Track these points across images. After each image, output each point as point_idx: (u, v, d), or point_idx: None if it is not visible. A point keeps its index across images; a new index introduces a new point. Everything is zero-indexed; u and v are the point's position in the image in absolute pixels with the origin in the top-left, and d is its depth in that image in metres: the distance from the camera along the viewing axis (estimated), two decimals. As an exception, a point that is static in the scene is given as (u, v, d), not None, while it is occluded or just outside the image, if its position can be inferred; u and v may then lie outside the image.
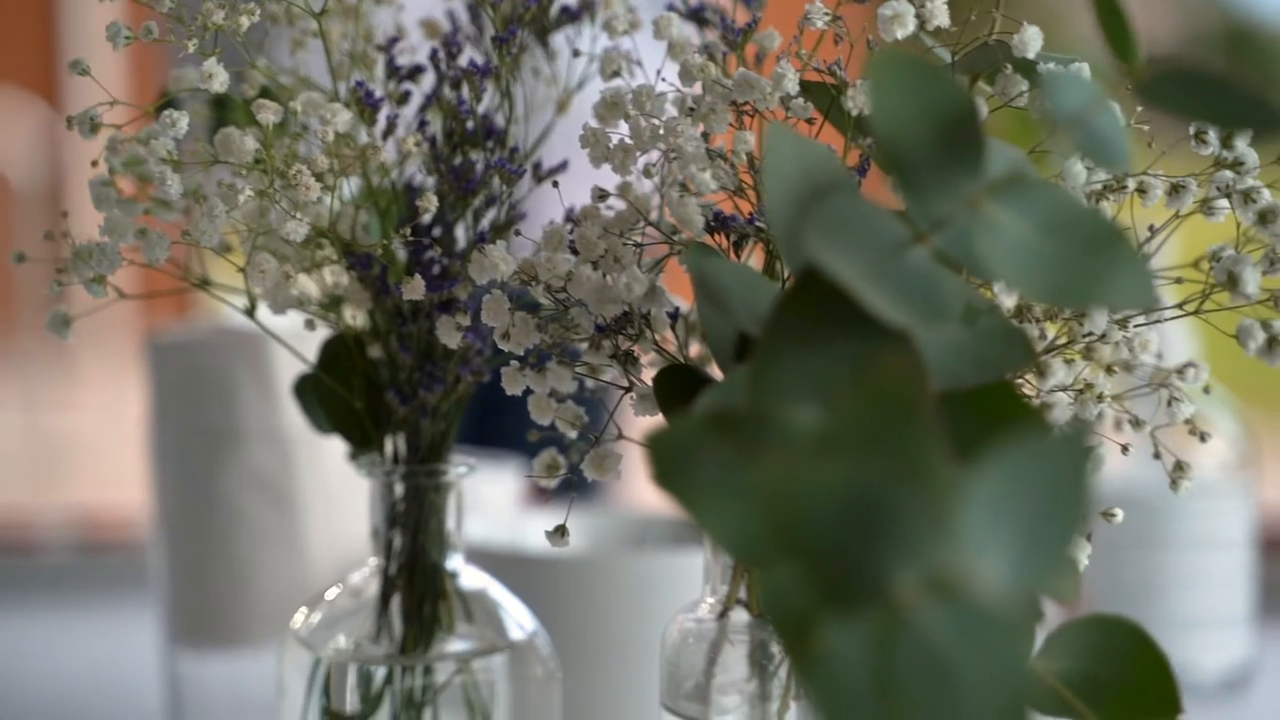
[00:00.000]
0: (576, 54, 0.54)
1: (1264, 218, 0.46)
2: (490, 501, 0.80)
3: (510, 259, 0.48)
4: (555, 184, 0.53)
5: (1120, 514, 0.52)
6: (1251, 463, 0.88)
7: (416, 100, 0.54)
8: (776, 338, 0.41)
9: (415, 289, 0.49)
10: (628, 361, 0.48)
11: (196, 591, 0.73)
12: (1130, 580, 0.86)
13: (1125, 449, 0.52)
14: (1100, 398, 0.48)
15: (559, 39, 0.56)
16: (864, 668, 0.34)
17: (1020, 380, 0.47)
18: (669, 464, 0.38)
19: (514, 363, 0.48)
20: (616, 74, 0.53)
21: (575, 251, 0.49)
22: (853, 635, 0.34)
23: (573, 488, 0.50)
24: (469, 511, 0.68)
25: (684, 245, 0.48)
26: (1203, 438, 0.53)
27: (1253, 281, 0.46)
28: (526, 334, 0.48)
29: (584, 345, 0.48)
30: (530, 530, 0.72)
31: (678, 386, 0.48)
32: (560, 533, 0.48)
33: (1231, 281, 0.46)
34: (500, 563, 0.63)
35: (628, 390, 0.48)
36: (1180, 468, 0.52)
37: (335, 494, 0.74)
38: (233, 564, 0.72)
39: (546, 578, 0.63)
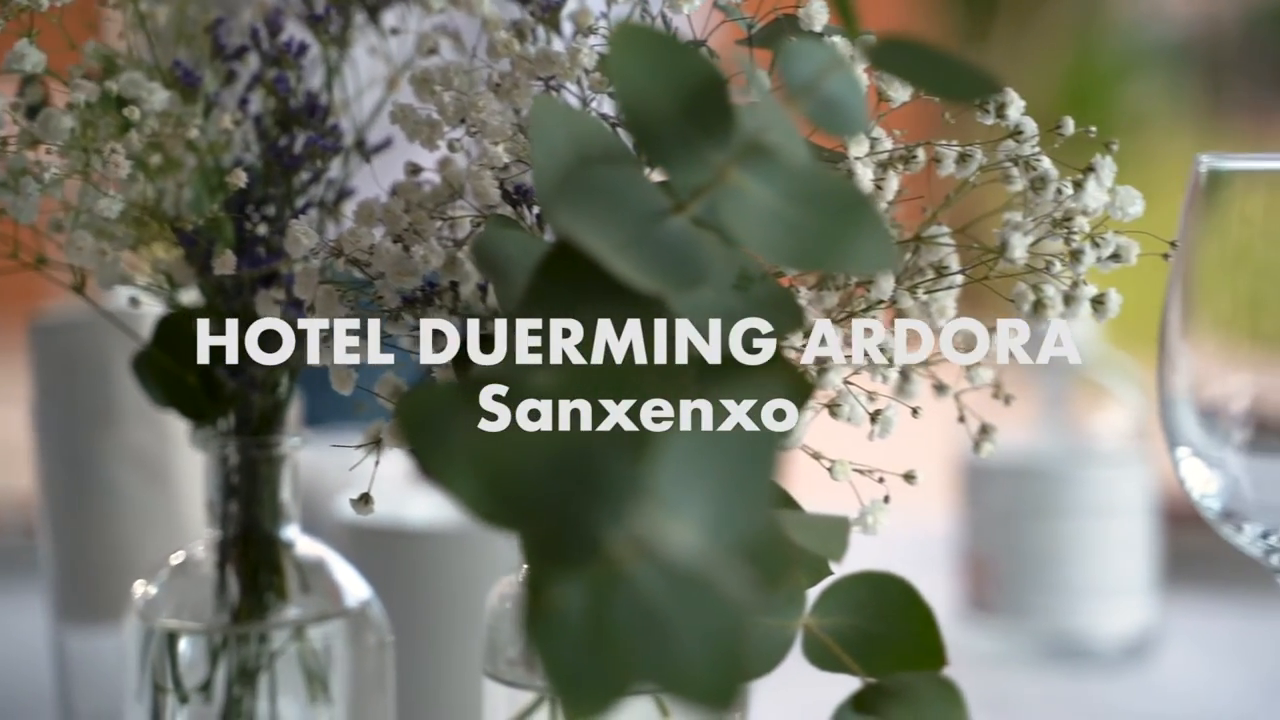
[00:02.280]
0: (395, 32, 0.57)
1: (1036, 185, 0.49)
2: (382, 477, 0.83)
3: (313, 234, 0.50)
4: (367, 160, 0.56)
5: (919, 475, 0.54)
6: (1151, 431, 0.90)
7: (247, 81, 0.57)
8: (532, 305, 0.43)
9: (226, 264, 0.52)
10: (438, 337, 0.51)
11: (80, 568, 0.76)
12: (1030, 548, 0.88)
13: (908, 412, 0.53)
14: (892, 361, 0.50)
15: (390, 17, 0.58)
16: (582, 622, 0.37)
17: (796, 346, 0.49)
18: (416, 427, 0.41)
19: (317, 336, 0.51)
20: (433, 51, 0.56)
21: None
22: (573, 591, 0.37)
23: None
24: (353, 486, 0.71)
25: (484, 218, 0.51)
26: (1006, 401, 0.55)
27: (1020, 247, 0.48)
28: (330, 307, 0.50)
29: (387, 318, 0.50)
30: (411, 505, 0.75)
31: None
32: (364, 500, 0.51)
33: (1003, 247, 0.48)
34: (342, 534, 0.66)
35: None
36: (984, 431, 0.55)
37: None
38: (114, 540, 0.75)
39: (385, 549, 0.66)
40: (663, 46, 0.41)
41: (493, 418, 0.39)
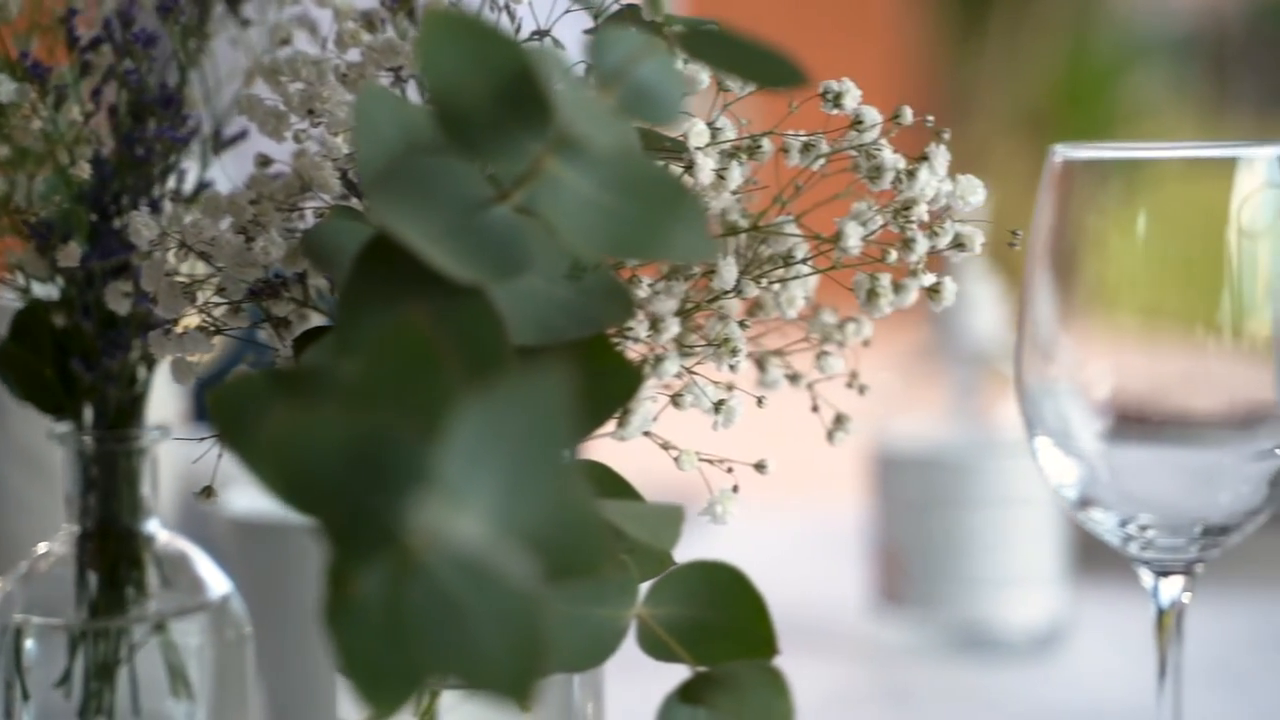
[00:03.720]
0: (246, 24, 0.57)
1: (873, 175, 0.50)
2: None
3: (154, 225, 0.51)
4: (216, 152, 0.56)
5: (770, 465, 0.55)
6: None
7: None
8: (352, 296, 0.44)
9: (70, 255, 0.52)
10: (280, 325, 0.52)
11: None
12: (940, 539, 0.89)
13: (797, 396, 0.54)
14: (734, 351, 0.51)
15: (250, 9, 0.59)
16: (379, 612, 0.38)
17: (627, 336, 0.50)
18: (225, 416, 0.41)
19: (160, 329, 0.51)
20: (286, 42, 0.56)
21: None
22: (370, 581, 0.38)
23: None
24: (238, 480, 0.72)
25: (331, 210, 0.52)
26: (861, 390, 0.56)
27: (854, 236, 0.49)
28: (173, 300, 0.51)
29: (226, 310, 0.51)
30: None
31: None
32: (206, 493, 0.52)
33: (837, 236, 0.49)
34: (227, 529, 0.66)
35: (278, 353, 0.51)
36: (839, 420, 0.55)
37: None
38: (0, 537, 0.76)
39: (244, 540, 0.67)
40: (475, 34, 0.42)
41: (298, 407, 0.39)
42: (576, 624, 0.46)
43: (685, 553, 1.21)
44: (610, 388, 0.47)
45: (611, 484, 0.49)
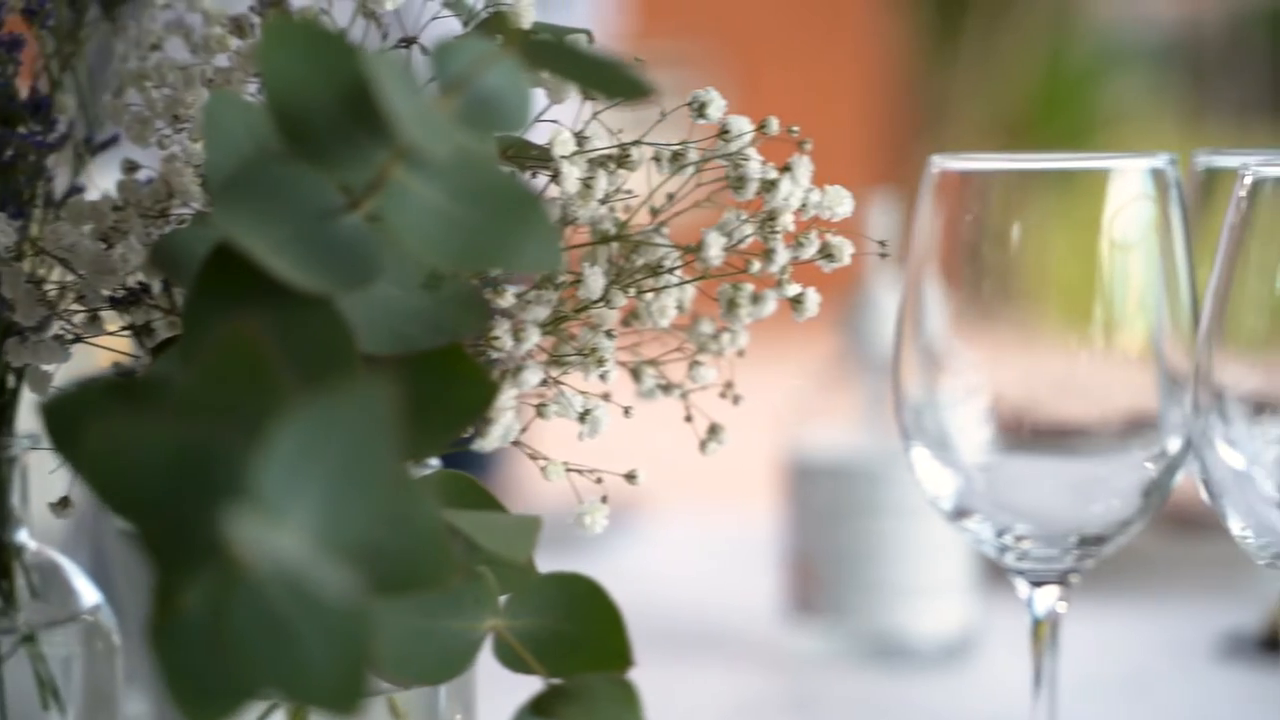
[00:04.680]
0: (118, 29, 0.57)
1: (737, 185, 0.50)
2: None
3: (10, 230, 0.51)
4: (83, 157, 0.56)
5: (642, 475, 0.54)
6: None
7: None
8: (196, 305, 0.44)
9: (-75, 262, 0.52)
10: (144, 333, 0.51)
11: None
12: (852, 548, 0.89)
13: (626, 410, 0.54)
14: (601, 362, 0.51)
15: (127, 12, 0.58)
16: (203, 626, 0.38)
17: (493, 345, 0.49)
18: (58, 425, 0.41)
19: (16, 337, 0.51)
20: (156, 47, 0.56)
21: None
22: (194, 595, 0.38)
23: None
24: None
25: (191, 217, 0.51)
26: (735, 401, 0.56)
27: (715, 246, 0.49)
28: (29, 307, 0.51)
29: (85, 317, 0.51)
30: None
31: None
32: (62, 504, 0.51)
33: (699, 246, 0.49)
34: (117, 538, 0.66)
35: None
36: (713, 431, 0.55)
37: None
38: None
39: (133, 550, 0.67)
40: (316, 41, 0.42)
41: (127, 416, 0.39)
42: (429, 636, 0.46)
43: (603, 562, 1.21)
44: (465, 397, 0.47)
45: (471, 495, 0.49)
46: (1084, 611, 0.97)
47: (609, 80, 0.42)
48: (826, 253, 0.52)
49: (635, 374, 0.56)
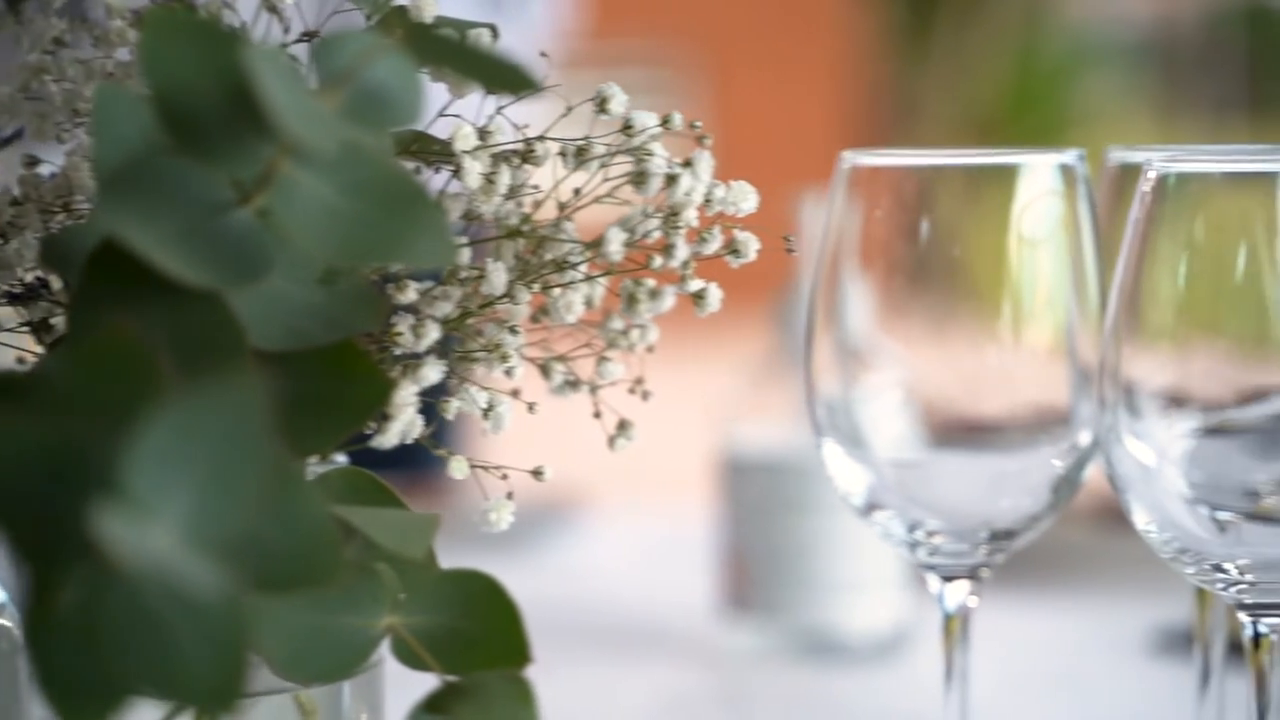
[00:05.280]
0: (21, 22, 0.56)
1: (639, 180, 0.49)
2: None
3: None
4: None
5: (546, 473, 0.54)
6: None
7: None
8: (82, 302, 0.43)
9: None
10: (42, 329, 0.51)
11: None
12: (785, 544, 0.89)
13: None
14: (505, 357, 0.51)
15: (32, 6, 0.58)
16: (77, 625, 0.37)
17: (396, 341, 0.49)
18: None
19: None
20: (60, 41, 0.55)
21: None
22: (68, 594, 0.37)
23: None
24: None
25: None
26: (645, 397, 0.56)
27: (615, 242, 0.49)
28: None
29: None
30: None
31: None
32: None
33: (598, 242, 0.49)
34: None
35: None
36: (621, 427, 0.55)
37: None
38: None
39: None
40: (200, 34, 0.41)
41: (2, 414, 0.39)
42: (325, 633, 0.46)
43: (546, 559, 1.20)
44: (360, 394, 0.46)
45: (372, 492, 0.49)
46: (1016, 607, 0.98)
47: (495, 74, 0.42)
48: (733, 249, 0.52)
49: (544, 370, 0.55)
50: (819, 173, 0.60)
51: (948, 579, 0.58)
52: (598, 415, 0.56)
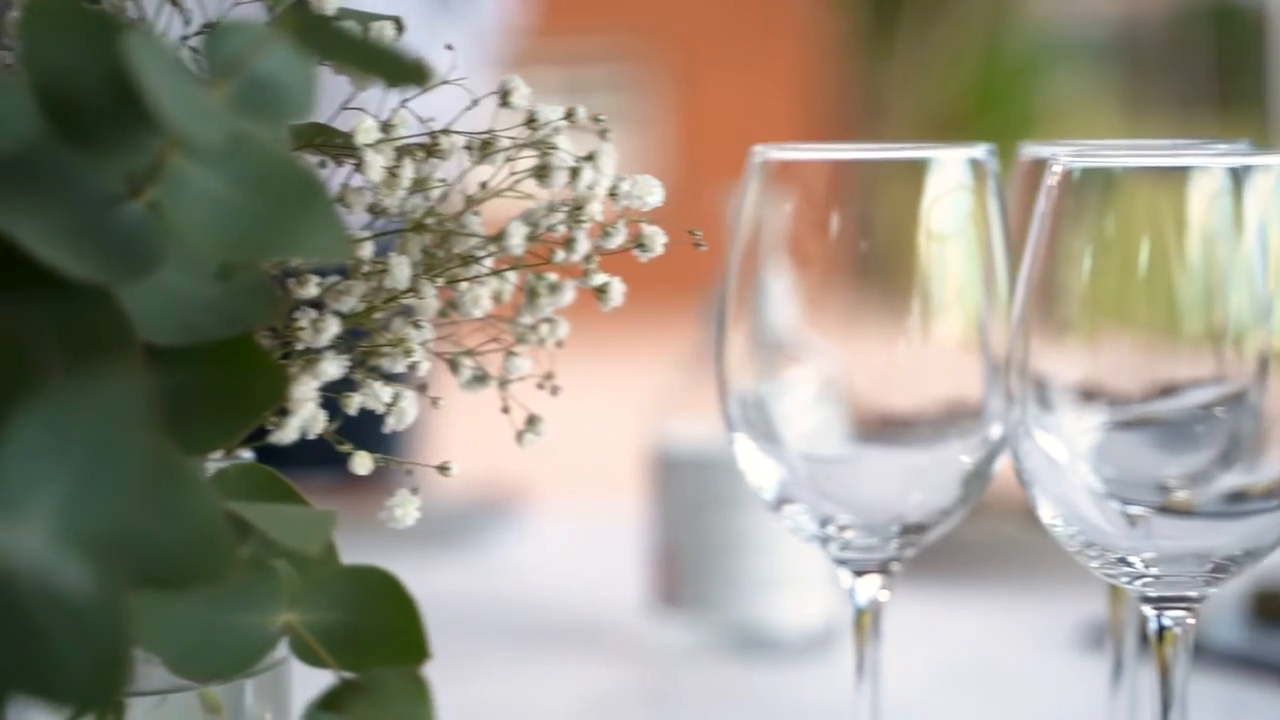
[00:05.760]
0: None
1: (542, 174, 0.49)
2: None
3: None
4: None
5: (454, 468, 0.54)
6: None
7: None
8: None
9: None
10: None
11: None
12: (715, 540, 0.89)
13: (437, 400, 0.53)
14: (409, 351, 0.50)
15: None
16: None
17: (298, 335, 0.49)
18: None
19: None
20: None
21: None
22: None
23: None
24: None
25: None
26: (554, 392, 0.55)
27: (516, 235, 0.48)
28: None
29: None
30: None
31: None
32: None
33: (499, 236, 0.48)
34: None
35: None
36: (530, 422, 0.55)
37: None
38: None
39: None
40: (83, 23, 0.41)
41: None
42: (219, 630, 0.45)
43: (486, 556, 1.19)
44: (256, 389, 0.46)
45: (270, 488, 0.48)
46: (946, 602, 0.98)
47: (385, 65, 0.41)
48: (639, 243, 0.51)
49: (453, 365, 0.55)
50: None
51: (859, 574, 0.58)
52: (505, 410, 0.56)
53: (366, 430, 0.55)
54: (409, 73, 0.41)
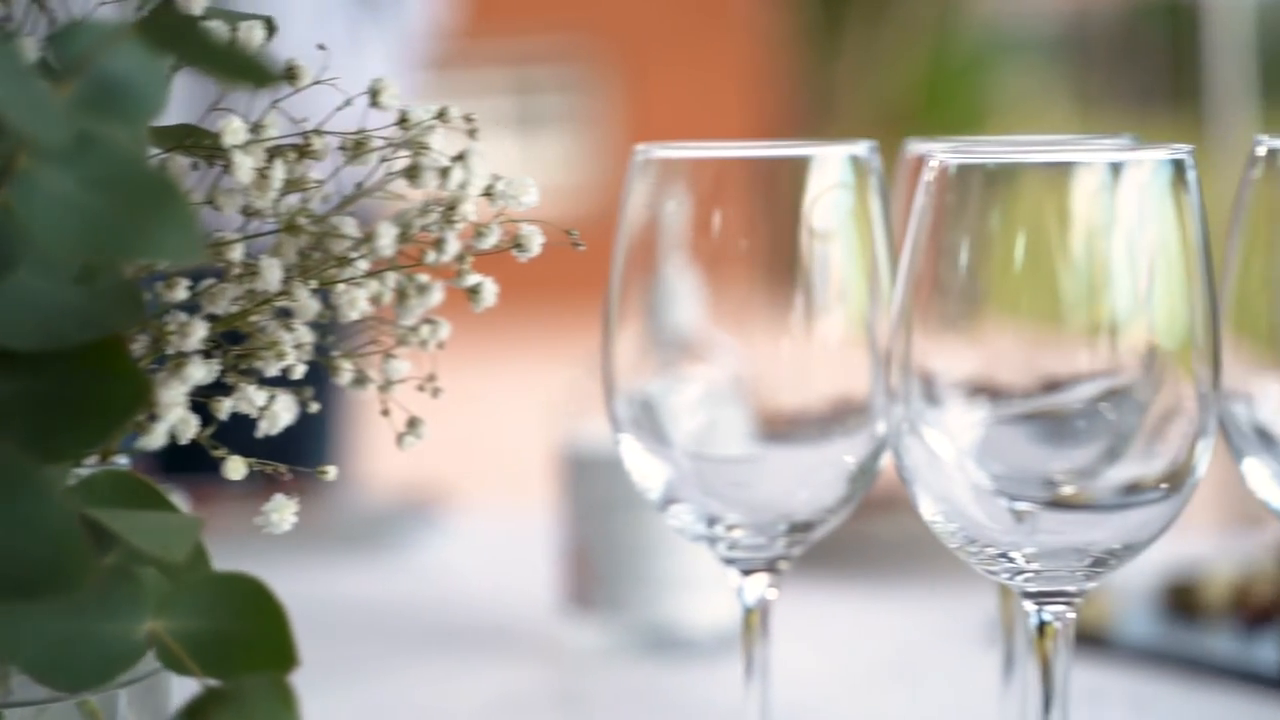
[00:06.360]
0: None
1: (412, 175, 0.49)
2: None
3: None
4: None
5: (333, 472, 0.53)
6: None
7: None
8: None
9: None
10: None
11: None
12: (626, 541, 0.89)
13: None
14: (281, 354, 0.50)
15: None
16: None
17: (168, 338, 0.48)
18: None
19: None
20: None
21: None
22: None
23: None
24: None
25: None
26: (435, 394, 0.55)
27: (387, 236, 0.48)
28: None
29: None
30: None
31: None
32: None
33: (368, 237, 0.48)
34: None
35: None
36: (411, 425, 0.54)
37: None
38: None
39: None
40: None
41: None
42: (83, 639, 0.45)
43: (407, 558, 1.17)
44: (119, 394, 0.45)
45: (138, 494, 0.48)
46: (850, 598, 0.98)
47: (235, 65, 0.41)
48: (517, 243, 0.51)
49: (332, 368, 0.55)
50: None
51: (747, 573, 0.58)
52: (385, 413, 0.55)
53: (304, 434, 0.55)
54: (253, 72, 0.41)
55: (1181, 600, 0.91)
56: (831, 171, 0.55)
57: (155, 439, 0.48)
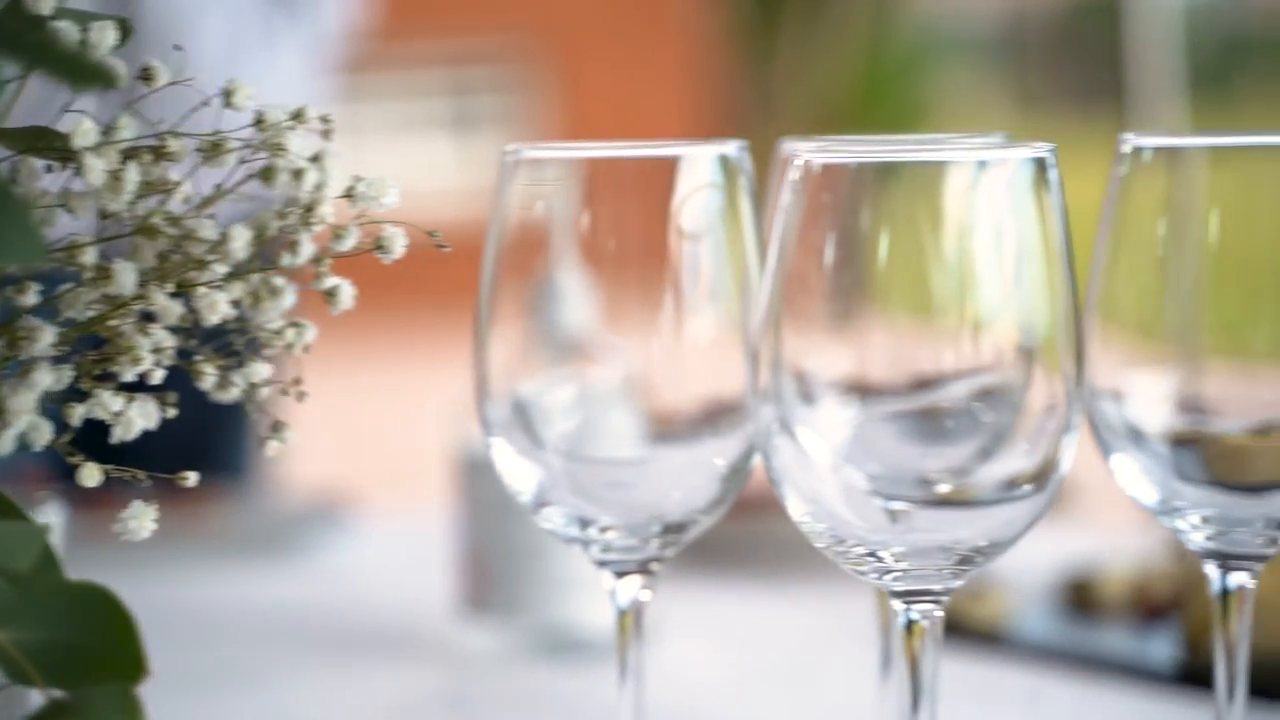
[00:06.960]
0: None
1: (267, 176, 0.48)
2: None
3: None
4: None
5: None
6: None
7: None
8: None
9: None
10: None
11: None
12: (519, 542, 0.88)
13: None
14: (137, 359, 0.49)
15: None
16: None
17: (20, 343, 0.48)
18: None
19: None
20: None
21: None
22: None
23: None
24: None
25: None
26: (300, 398, 0.54)
27: (239, 240, 0.47)
28: None
29: None
30: None
31: None
32: None
33: (222, 241, 0.47)
34: None
35: None
36: (275, 428, 0.54)
37: None
38: None
39: None
40: None
41: None
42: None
43: (315, 561, 1.16)
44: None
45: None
46: (747, 597, 0.98)
47: (74, 68, 0.40)
48: (379, 244, 0.51)
49: (195, 371, 0.54)
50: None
51: (620, 575, 0.57)
52: (256, 416, 0.54)
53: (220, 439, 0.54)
54: (96, 75, 0.40)
55: (1079, 597, 0.91)
56: (701, 171, 0.55)
57: (3, 445, 0.47)
